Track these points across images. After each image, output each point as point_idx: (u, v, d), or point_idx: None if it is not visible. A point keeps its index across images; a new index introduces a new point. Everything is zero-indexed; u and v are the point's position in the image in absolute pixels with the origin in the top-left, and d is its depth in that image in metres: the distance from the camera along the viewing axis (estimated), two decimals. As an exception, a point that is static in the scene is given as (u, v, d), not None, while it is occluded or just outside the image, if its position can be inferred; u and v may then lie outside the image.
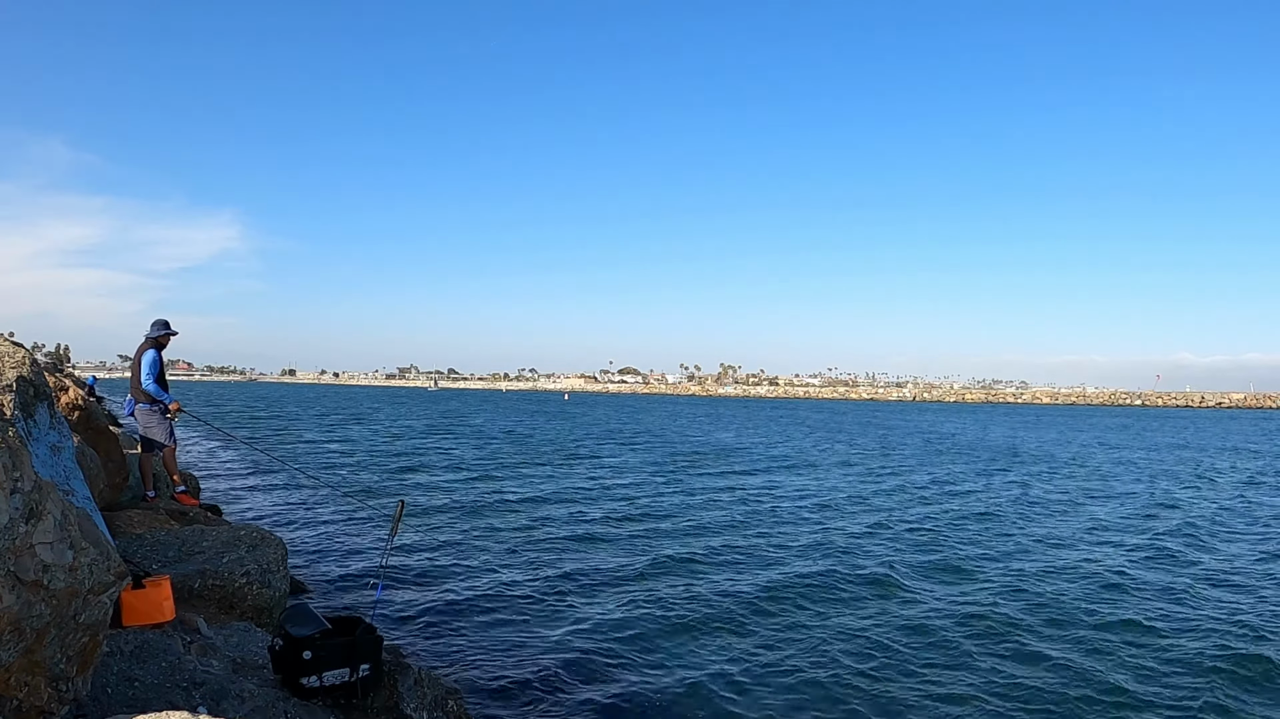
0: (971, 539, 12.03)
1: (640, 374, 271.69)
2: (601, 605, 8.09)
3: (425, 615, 7.60)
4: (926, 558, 10.62)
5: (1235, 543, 12.18)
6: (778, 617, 7.85)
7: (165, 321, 8.59)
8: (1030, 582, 9.36)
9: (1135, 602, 8.63)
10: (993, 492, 18.19)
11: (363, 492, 15.98)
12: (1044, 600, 8.56)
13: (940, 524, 13.33)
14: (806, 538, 11.92)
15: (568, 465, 22.58)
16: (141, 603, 4.18)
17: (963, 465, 24.67)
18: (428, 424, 43.85)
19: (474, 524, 12.52)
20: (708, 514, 13.98)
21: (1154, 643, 7.23)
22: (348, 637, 4.05)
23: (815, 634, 7.32)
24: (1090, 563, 10.46)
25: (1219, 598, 8.89)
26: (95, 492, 5.99)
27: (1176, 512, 15.46)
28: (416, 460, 22.75)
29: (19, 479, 2.65)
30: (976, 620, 7.78)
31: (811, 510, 14.69)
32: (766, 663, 6.56)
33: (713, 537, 11.85)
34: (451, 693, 4.49)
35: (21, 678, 2.65)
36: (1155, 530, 13.17)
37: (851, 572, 9.59)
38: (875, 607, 8.28)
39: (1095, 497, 17.70)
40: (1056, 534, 12.65)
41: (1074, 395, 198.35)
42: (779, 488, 18.21)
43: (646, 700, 5.76)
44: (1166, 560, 10.81)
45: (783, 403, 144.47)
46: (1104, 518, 14.49)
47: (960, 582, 9.46)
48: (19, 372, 3.30)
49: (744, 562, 10.20)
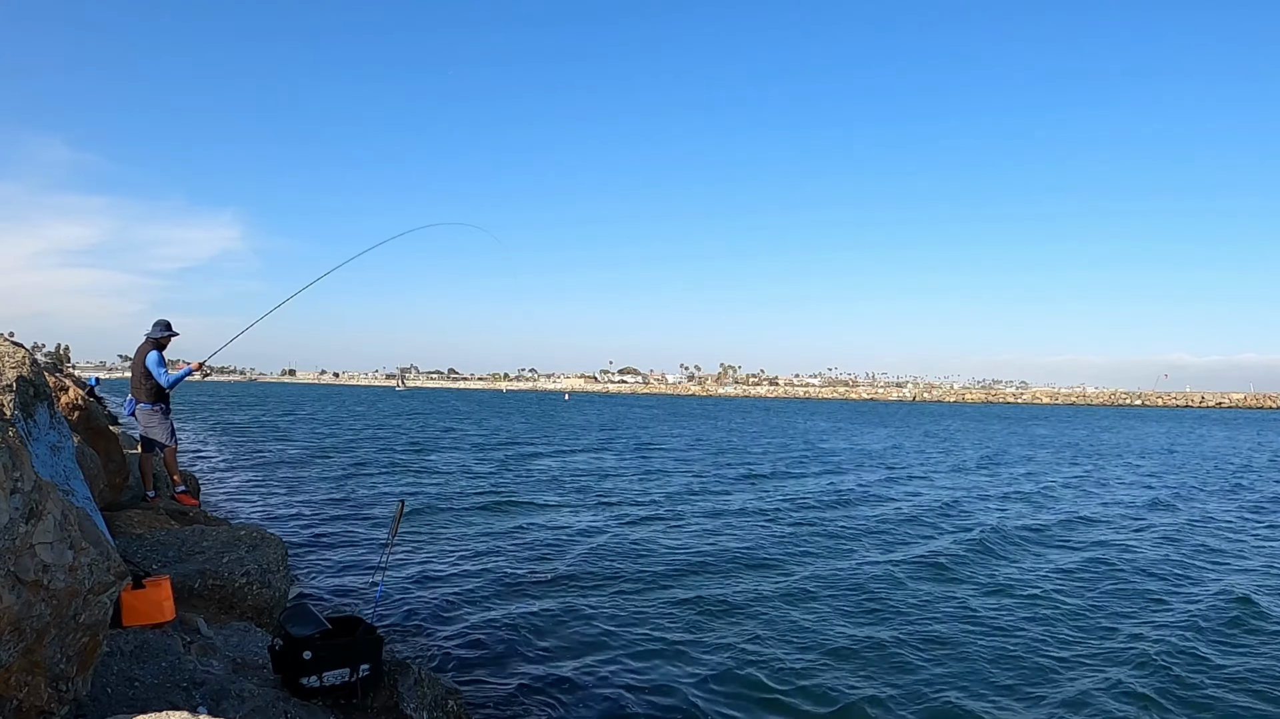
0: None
1: (640, 374, 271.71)
2: (604, 605, 8.08)
3: (425, 615, 7.60)
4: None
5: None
6: (785, 621, 7.85)
7: (167, 323, 8.60)
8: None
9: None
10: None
11: (362, 491, 15.98)
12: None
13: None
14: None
15: (574, 464, 22.60)
16: (141, 603, 4.19)
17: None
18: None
19: (475, 524, 12.52)
20: (714, 514, 13.99)
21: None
22: (348, 637, 4.06)
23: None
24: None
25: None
26: (95, 492, 5.99)
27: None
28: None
29: (19, 479, 2.65)
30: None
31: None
32: (768, 664, 6.55)
33: (725, 541, 11.85)
34: (451, 693, 4.49)
35: (21, 678, 2.65)
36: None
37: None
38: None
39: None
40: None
41: (1074, 395, 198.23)
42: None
43: (648, 700, 5.76)
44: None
45: (784, 403, 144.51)
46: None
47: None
48: (19, 372, 3.31)
49: (758, 565, 10.20)
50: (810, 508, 14.97)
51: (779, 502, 15.79)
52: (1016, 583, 9.33)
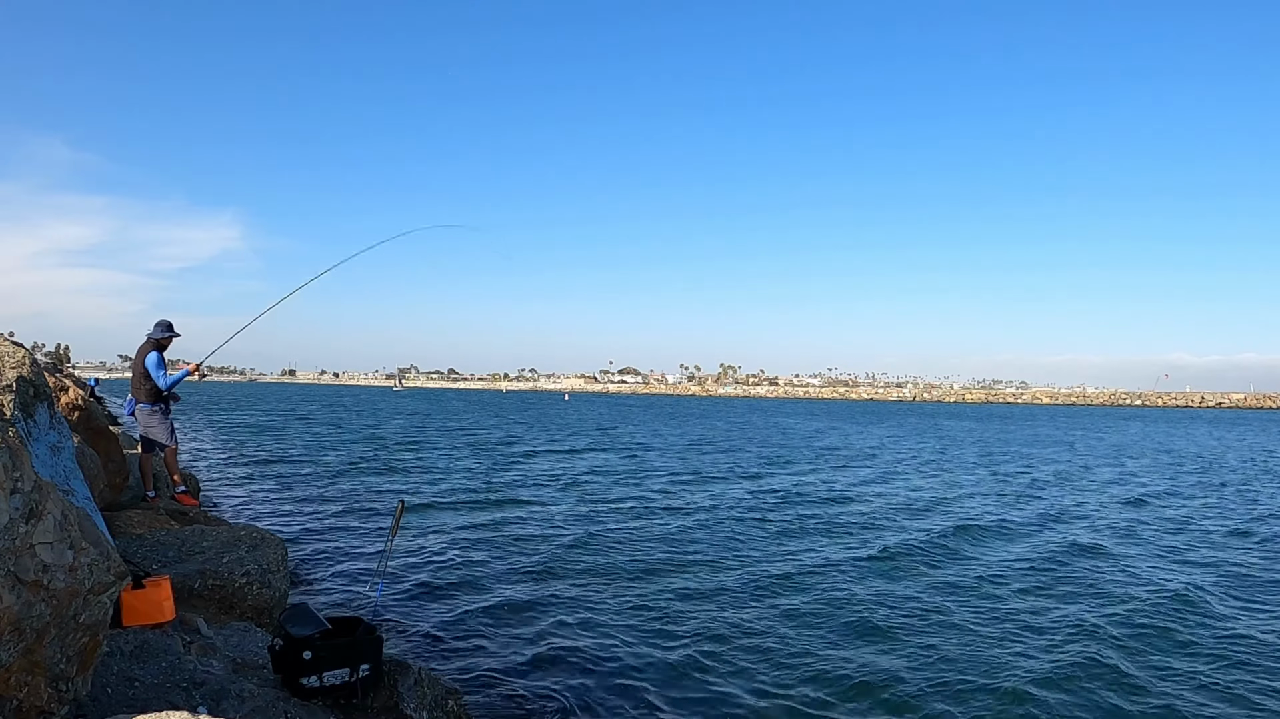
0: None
1: (640, 374, 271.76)
2: (605, 605, 8.08)
3: (425, 615, 7.60)
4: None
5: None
6: (786, 622, 7.85)
7: (168, 324, 8.60)
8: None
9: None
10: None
11: (361, 491, 15.98)
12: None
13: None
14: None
15: (573, 464, 22.59)
16: (141, 603, 4.19)
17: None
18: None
19: (474, 523, 12.51)
20: (713, 513, 13.99)
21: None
22: (348, 637, 4.06)
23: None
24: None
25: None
26: (95, 492, 5.99)
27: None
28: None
29: (19, 479, 2.65)
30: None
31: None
32: (782, 662, 6.55)
33: (722, 537, 11.86)
34: (451, 693, 4.49)
35: (21, 678, 2.65)
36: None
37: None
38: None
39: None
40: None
41: (1074, 395, 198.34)
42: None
43: (649, 700, 5.76)
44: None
45: (784, 403, 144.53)
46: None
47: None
48: (19, 372, 3.31)
49: (760, 576, 10.21)
50: (800, 504, 15.01)
51: (780, 501, 15.80)
52: (959, 579, 9.49)
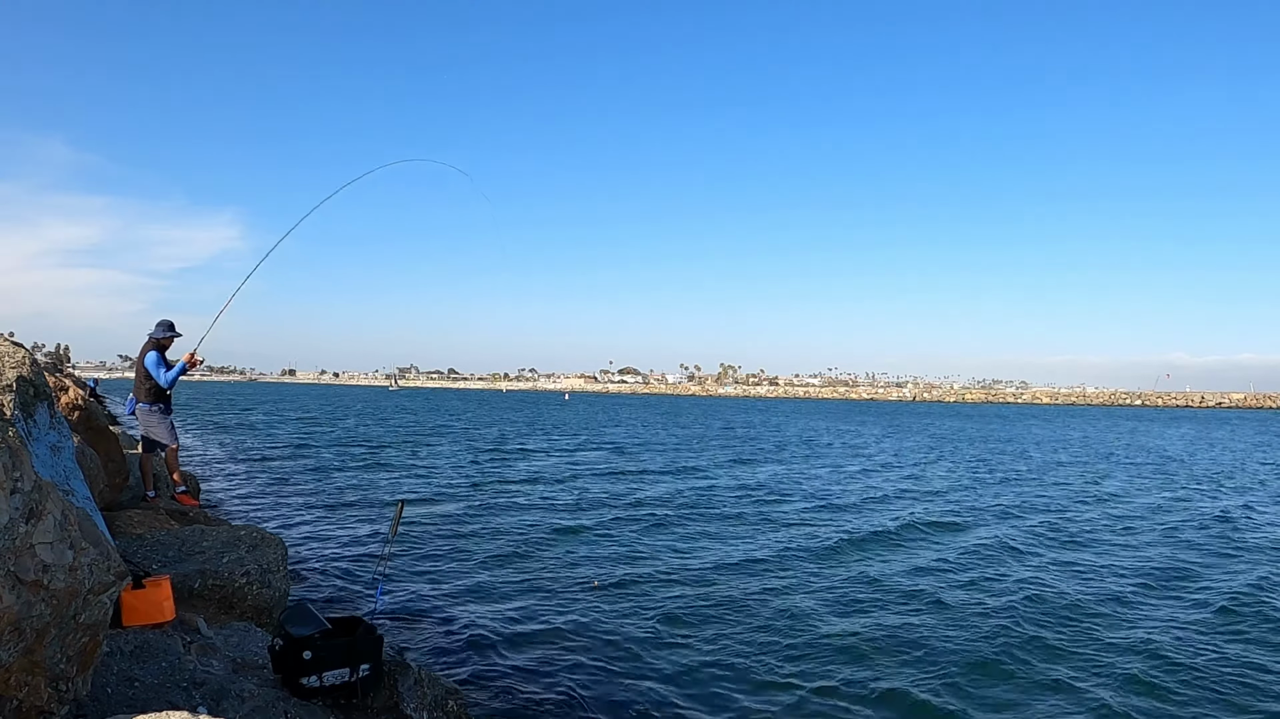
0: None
1: (640, 374, 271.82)
2: (605, 604, 8.09)
3: (425, 615, 7.60)
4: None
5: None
6: (788, 621, 7.85)
7: (170, 323, 8.58)
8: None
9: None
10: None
11: (361, 491, 15.98)
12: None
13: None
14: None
15: (573, 464, 22.59)
16: (141, 603, 4.19)
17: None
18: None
19: (474, 523, 12.51)
20: (713, 509, 13.99)
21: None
22: (348, 637, 4.06)
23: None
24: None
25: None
26: (95, 492, 5.99)
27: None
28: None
29: (19, 479, 2.65)
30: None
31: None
32: (778, 662, 6.56)
33: (726, 531, 11.86)
34: (451, 693, 4.49)
35: (21, 678, 2.65)
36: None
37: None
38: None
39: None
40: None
41: (1074, 395, 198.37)
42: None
43: (650, 699, 5.76)
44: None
45: (784, 403, 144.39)
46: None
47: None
48: (19, 372, 3.30)
49: (760, 576, 10.21)
50: (796, 503, 15.00)
51: (778, 499, 15.81)
52: (889, 575, 9.58)
